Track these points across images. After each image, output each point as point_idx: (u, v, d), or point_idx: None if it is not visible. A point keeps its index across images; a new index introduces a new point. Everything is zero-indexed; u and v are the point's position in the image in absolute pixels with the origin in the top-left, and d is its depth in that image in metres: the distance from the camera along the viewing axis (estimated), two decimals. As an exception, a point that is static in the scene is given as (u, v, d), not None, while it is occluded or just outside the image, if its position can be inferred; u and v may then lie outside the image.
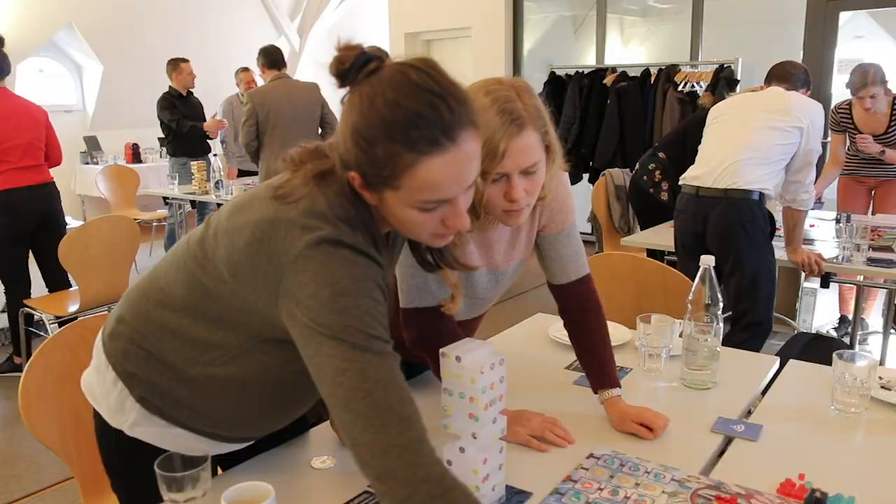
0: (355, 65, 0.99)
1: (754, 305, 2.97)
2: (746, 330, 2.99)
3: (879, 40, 5.90)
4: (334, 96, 1.08)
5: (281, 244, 1.01)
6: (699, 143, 3.74)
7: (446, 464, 1.16)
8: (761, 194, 2.88)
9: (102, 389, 1.24)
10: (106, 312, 1.45)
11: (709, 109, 3.87)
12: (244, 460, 1.37)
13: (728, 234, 2.91)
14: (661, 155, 4.17)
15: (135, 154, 7.67)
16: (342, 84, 1.02)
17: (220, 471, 1.39)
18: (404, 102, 0.97)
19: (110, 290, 3.68)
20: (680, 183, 3.13)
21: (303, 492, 1.28)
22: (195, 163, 5.67)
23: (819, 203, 4.12)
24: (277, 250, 1.01)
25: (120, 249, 3.72)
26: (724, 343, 1.70)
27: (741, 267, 2.93)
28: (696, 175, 3.01)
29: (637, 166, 4.33)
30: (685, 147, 3.97)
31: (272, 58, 5.27)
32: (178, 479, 1.09)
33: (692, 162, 3.33)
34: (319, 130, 5.11)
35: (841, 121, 4.21)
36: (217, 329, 1.15)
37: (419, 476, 0.93)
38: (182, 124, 5.92)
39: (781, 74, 3.08)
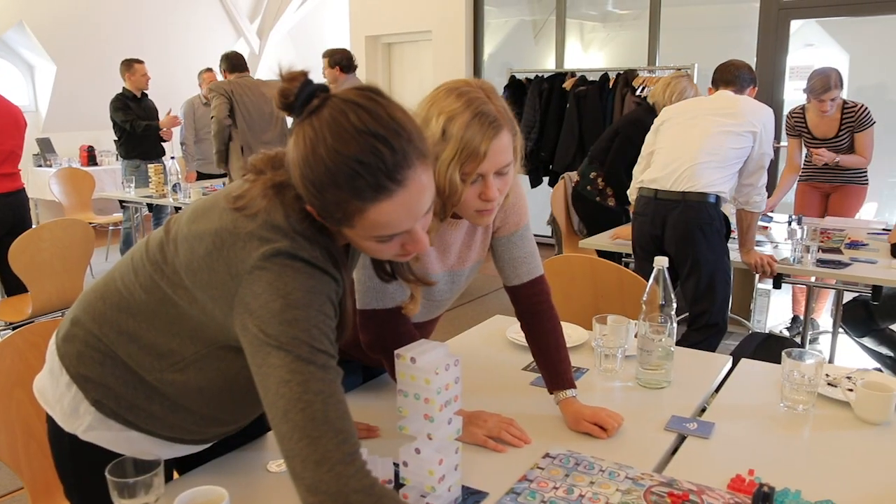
0: (299, 98, 1.00)
1: (711, 306, 3.03)
2: (703, 331, 3.05)
3: (829, 48, 6.06)
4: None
5: (239, 254, 1.02)
6: (629, 142, 3.87)
7: (402, 465, 1.17)
8: (717, 197, 2.93)
9: (56, 393, 1.22)
10: (59, 317, 1.42)
11: (642, 110, 4.01)
12: (201, 464, 1.36)
13: (686, 236, 2.96)
14: (598, 162, 4.23)
15: (90, 156, 7.53)
16: (288, 114, 1.03)
17: (176, 475, 1.37)
18: (345, 151, 0.96)
19: (64, 295, 3.60)
20: (637, 186, 3.17)
21: (258, 495, 1.27)
22: (152, 166, 5.59)
23: (768, 216, 4.20)
24: (235, 260, 1.02)
25: (73, 254, 3.63)
26: (681, 344, 1.73)
27: (699, 268, 2.98)
28: (654, 178, 3.05)
29: (577, 177, 4.39)
30: (617, 149, 4.05)
31: (234, 62, 5.37)
32: (131, 485, 1.08)
33: (616, 160, 3.40)
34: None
35: (795, 125, 4.31)
36: (174, 335, 1.14)
37: (351, 487, 0.94)
38: (136, 124, 5.85)
39: (728, 78, 3.13)
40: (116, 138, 6.15)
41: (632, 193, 3.29)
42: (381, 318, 1.47)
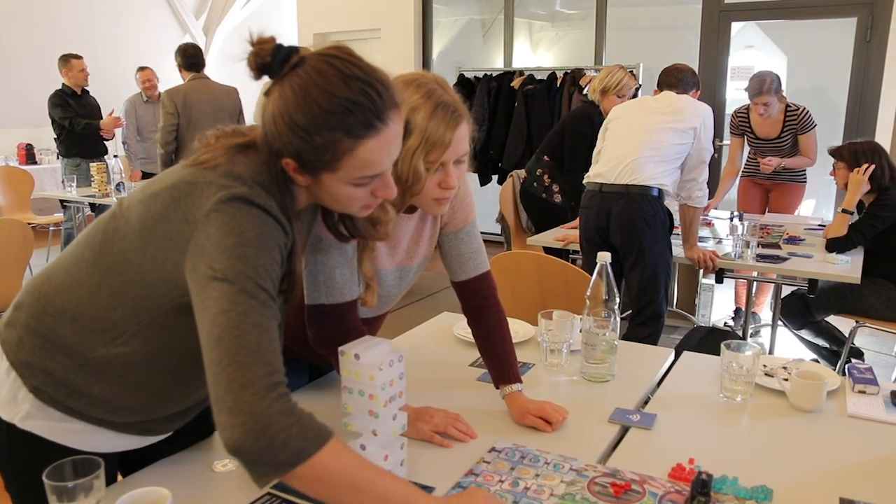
0: (277, 58, 1.04)
1: (655, 297, 3.09)
2: (649, 324, 3.11)
3: (768, 49, 6.24)
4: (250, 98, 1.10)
5: (196, 201, 1.04)
6: (578, 139, 3.95)
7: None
8: (660, 190, 3.00)
9: None
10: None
11: (586, 106, 4.10)
12: (146, 465, 1.34)
13: (630, 227, 3.03)
14: (545, 158, 4.28)
15: (28, 155, 7.31)
16: (260, 77, 1.07)
17: (120, 477, 1.35)
18: (338, 92, 1.02)
19: (1, 297, 3.49)
20: (584, 182, 3.23)
21: (203, 496, 1.25)
22: (94, 164, 5.45)
23: (705, 215, 4.30)
24: (192, 207, 1.04)
25: (11, 255, 3.53)
26: (629, 339, 1.76)
27: (643, 259, 3.04)
28: (599, 173, 3.12)
29: (524, 174, 4.44)
30: (563, 145, 4.12)
31: (191, 60, 5.14)
32: (70, 489, 1.05)
33: (573, 158, 3.44)
34: None
35: (739, 124, 4.42)
36: (117, 307, 1.14)
37: (274, 409, 0.95)
38: (76, 122, 5.69)
39: (671, 81, 3.23)
40: (56, 136, 5.98)
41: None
42: (330, 314, 1.46)
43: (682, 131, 2.99)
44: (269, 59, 1.04)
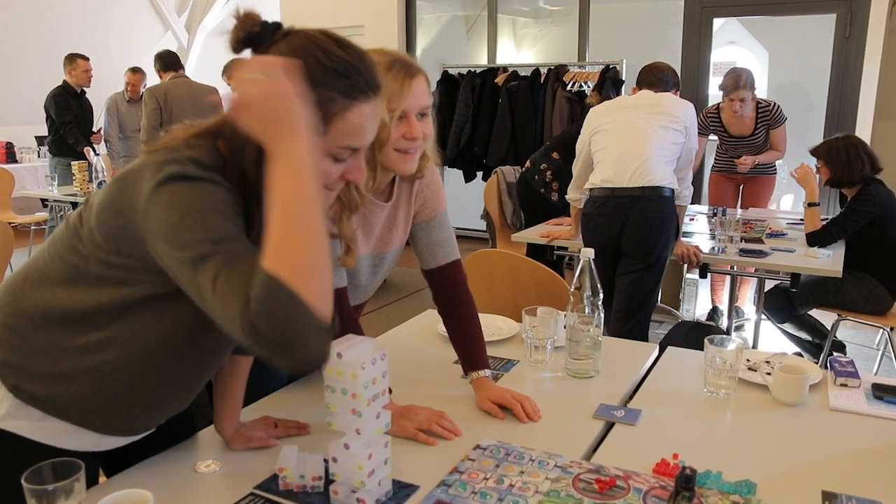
0: (266, 29, 1.05)
1: (649, 303, 3.07)
2: (646, 321, 3.10)
3: (749, 45, 6.28)
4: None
5: (137, 188, 1.01)
6: None
7: (332, 461, 1.16)
8: (672, 191, 2.95)
9: None
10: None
11: None
12: (130, 466, 1.33)
13: (649, 231, 2.92)
14: (553, 155, 4.24)
15: (9, 153, 7.22)
16: (242, 49, 1.06)
17: (103, 478, 1.33)
18: (340, 54, 1.04)
19: (-20, 298, 3.45)
20: (587, 187, 3.10)
21: (186, 497, 1.24)
22: (75, 163, 5.40)
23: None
24: (135, 196, 1.02)
25: (-10, 255, 3.48)
26: (634, 338, 1.76)
27: (661, 262, 2.98)
28: (607, 178, 2.98)
29: (528, 163, 4.41)
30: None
31: (167, 61, 5.46)
32: (50, 492, 1.03)
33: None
34: None
35: (710, 124, 4.43)
36: (89, 300, 1.12)
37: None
38: (69, 133, 5.70)
39: (651, 80, 3.18)
40: (49, 133, 5.94)
41: (571, 192, 3.29)
42: None
43: (677, 130, 2.97)
44: (258, 29, 1.04)
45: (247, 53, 1.06)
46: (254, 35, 1.05)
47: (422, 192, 1.64)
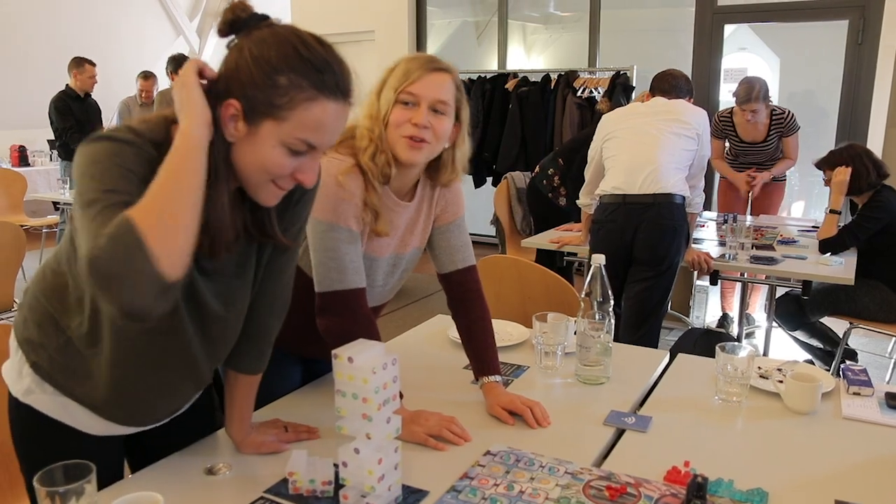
0: (254, 17, 1.07)
1: (659, 313, 3.05)
2: (657, 329, 3.07)
3: (760, 52, 6.25)
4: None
5: None
6: None
7: (342, 466, 1.16)
8: (683, 198, 2.93)
9: (10, 362, 1.28)
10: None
11: None
12: (150, 462, 1.35)
13: (661, 239, 2.90)
14: (560, 161, 4.26)
15: (21, 157, 7.27)
16: (227, 34, 1.09)
17: (127, 468, 1.38)
18: (318, 49, 1.06)
19: (-6, 299, 3.48)
20: (598, 193, 3.07)
21: (196, 500, 1.24)
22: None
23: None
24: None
25: (3, 257, 3.51)
26: (644, 345, 1.76)
27: (672, 269, 2.96)
28: (618, 185, 2.94)
29: (537, 169, 4.41)
30: (583, 155, 4.07)
31: (180, 63, 5.37)
32: (61, 493, 1.04)
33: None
34: None
35: (723, 128, 4.42)
36: (79, 289, 1.16)
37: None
38: (70, 137, 5.72)
39: (665, 87, 3.17)
40: (55, 138, 5.98)
41: (583, 197, 3.27)
42: (342, 300, 1.48)
43: (689, 137, 2.95)
44: (245, 15, 1.07)
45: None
46: (239, 20, 1.07)
47: (443, 196, 1.66)
